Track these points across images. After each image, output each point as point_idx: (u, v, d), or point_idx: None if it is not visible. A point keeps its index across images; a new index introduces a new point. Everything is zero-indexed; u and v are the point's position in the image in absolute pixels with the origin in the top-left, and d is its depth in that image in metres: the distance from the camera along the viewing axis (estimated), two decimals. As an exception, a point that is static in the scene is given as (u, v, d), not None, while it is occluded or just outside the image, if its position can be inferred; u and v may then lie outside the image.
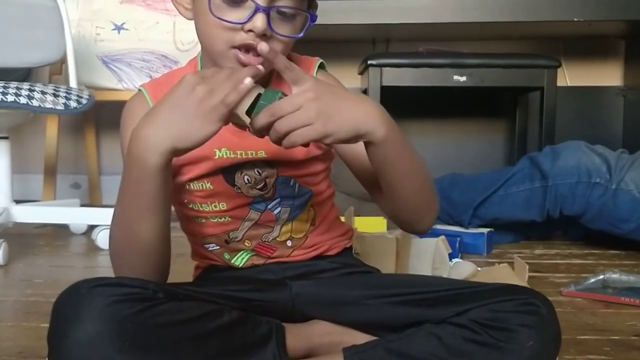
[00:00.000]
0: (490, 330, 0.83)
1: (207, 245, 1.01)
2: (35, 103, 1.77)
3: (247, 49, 0.87)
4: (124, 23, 2.58)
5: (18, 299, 1.47)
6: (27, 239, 2.14)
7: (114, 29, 2.60)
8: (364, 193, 1.45)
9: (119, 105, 3.08)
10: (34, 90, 1.78)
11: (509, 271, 1.52)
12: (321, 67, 1.01)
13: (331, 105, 0.80)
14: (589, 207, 1.90)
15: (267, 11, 0.85)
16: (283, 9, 0.87)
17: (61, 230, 2.27)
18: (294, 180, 0.99)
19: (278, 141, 0.79)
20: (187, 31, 2.54)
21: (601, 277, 1.59)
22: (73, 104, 1.84)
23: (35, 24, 2.01)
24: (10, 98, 1.74)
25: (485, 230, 1.94)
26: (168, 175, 0.83)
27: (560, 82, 2.66)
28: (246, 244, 1.00)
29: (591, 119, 2.92)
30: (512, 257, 1.54)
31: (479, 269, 1.56)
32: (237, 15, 0.86)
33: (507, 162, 2.88)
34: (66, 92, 1.87)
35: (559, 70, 2.53)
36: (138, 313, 0.74)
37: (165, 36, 2.58)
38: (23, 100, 1.75)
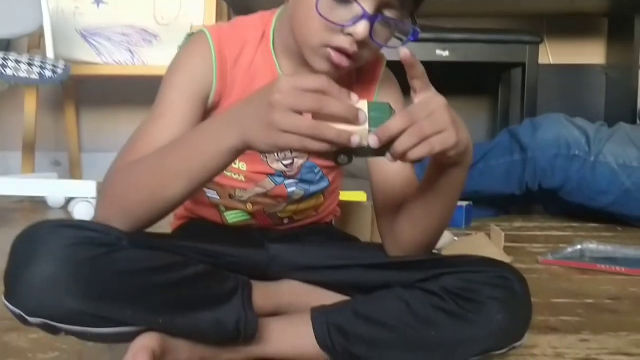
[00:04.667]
0: (459, 300, 0.83)
1: (207, 192, 0.99)
2: (9, 72, 1.74)
3: (340, 51, 0.83)
4: (103, -4, 2.55)
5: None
6: (3, 214, 2.11)
7: (93, 3, 2.56)
8: (345, 169, 1.44)
9: (99, 81, 3.05)
10: (7, 59, 1.75)
11: (486, 240, 1.53)
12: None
13: (455, 115, 0.74)
14: (568, 180, 1.90)
15: (372, 20, 0.80)
16: (388, 20, 0.82)
17: (39, 205, 2.25)
18: (320, 169, 1.00)
19: (404, 152, 0.70)
20: (166, 5, 2.51)
21: (578, 247, 1.59)
22: (48, 74, 1.81)
23: (11, -5, 1.98)
24: (-17, 67, 1.71)
25: (464, 203, 1.94)
26: (233, 160, 0.77)
27: (543, 60, 2.66)
28: (248, 206, 0.99)
29: (573, 97, 2.92)
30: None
31: (456, 238, 1.56)
32: (340, 13, 0.81)
33: (490, 140, 2.88)
34: (41, 62, 1.84)
35: (542, 49, 2.53)
36: (97, 258, 0.72)
37: (144, 10, 2.55)
38: (-4, 69, 1.72)
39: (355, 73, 0.95)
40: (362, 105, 0.70)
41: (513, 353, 0.89)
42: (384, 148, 0.70)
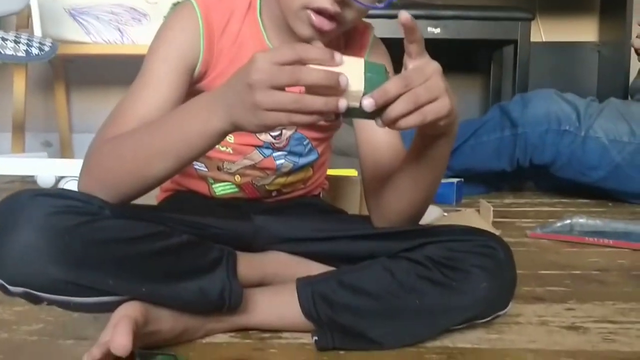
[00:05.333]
0: (444, 269, 0.83)
1: (195, 164, 0.98)
2: (-5, 49, 1.72)
3: (321, 12, 0.81)
4: (91, -26, 2.52)
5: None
6: (-7, 193, 2.10)
7: (81, -19, 2.53)
8: (336, 146, 1.44)
9: (89, 61, 3.03)
10: (-7, 37, 1.74)
11: (475, 215, 1.53)
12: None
13: (447, 83, 0.72)
14: (559, 156, 1.90)
15: None
16: None
17: (29, 184, 2.24)
18: (309, 141, 0.99)
19: (397, 118, 0.68)
20: (156, -17, 2.49)
21: (568, 221, 1.60)
22: (35, 51, 1.79)
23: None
24: (-31, 44, 1.69)
25: (454, 179, 1.94)
26: (219, 141, 0.77)
27: (535, 38, 2.65)
28: (236, 178, 0.99)
29: (566, 75, 2.91)
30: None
31: (445, 214, 1.56)
32: None
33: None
34: (28, 40, 1.82)
35: (534, 26, 2.52)
36: (77, 226, 0.71)
37: (133, -12, 2.52)
38: (-18, 46, 1.70)
39: (344, 40, 0.95)
40: (358, 64, 0.68)
41: (498, 321, 0.89)
42: (376, 111, 0.68)
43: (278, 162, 0.98)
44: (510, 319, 0.92)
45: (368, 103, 0.67)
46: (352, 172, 1.95)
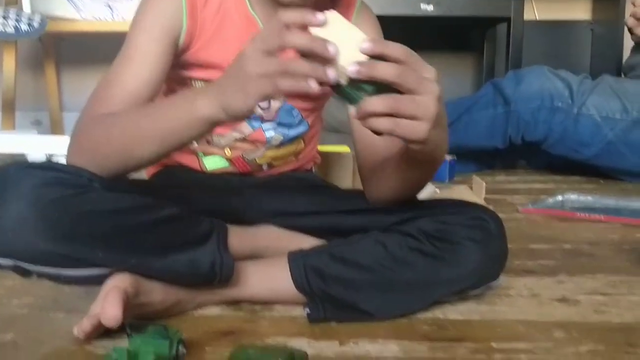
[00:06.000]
0: (436, 242, 0.83)
1: None
2: (-17, 25, 1.70)
3: None
4: (80, -50, 2.49)
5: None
6: (-17, 171, 2.09)
7: (70, -43, 2.49)
8: (328, 123, 1.43)
9: (79, 39, 3.00)
10: (-19, 12, 1.71)
11: (467, 191, 1.53)
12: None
13: (443, 111, 0.68)
14: (551, 132, 1.90)
15: None
16: None
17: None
18: (298, 112, 0.98)
19: (369, 113, 0.65)
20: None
21: (559, 198, 1.61)
22: (24, 27, 1.78)
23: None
24: (-44, 20, 1.67)
25: (447, 157, 1.94)
26: (207, 130, 0.76)
27: (528, 16, 2.63)
28: (226, 152, 0.98)
29: (559, 53, 2.90)
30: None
31: (438, 190, 1.56)
32: None
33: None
34: (17, 16, 1.80)
35: (528, 4, 2.50)
36: (66, 198, 0.71)
37: (123, -36, 2.49)
38: (-30, 22, 1.68)
39: (330, 3, 0.94)
40: (356, 37, 0.64)
41: (489, 293, 0.90)
42: (356, 93, 0.65)
43: (268, 134, 0.97)
44: (501, 291, 0.92)
45: (352, 68, 0.63)
46: (345, 149, 1.94)
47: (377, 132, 0.66)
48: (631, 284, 0.97)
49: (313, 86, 0.64)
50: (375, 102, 0.64)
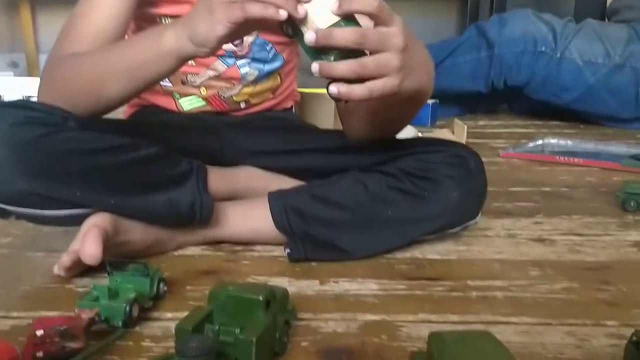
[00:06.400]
0: (415, 180, 0.83)
1: None
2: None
3: None
4: None
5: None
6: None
7: None
8: (308, 65, 1.39)
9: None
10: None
11: (449, 135, 1.53)
12: None
13: (411, 59, 0.66)
14: (533, 77, 1.89)
15: None
16: None
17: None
18: (272, 46, 0.97)
19: (335, 76, 0.62)
20: None
21: (540, 142, 1.61)
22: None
23: None
24: None
25: (430, 101, 1.93)
26: (175, 65, 0.74)
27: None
28: (202, 91, 0.97)
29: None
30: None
31: (420, 134, 1.56)
32: None
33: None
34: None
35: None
36: (42, 137, 0.70)
37: None
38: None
39: None
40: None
41: (466, 234, 0.91)
42: (320, 54, 0.62)
43: (242, 70, 0.96)
44: (479, 232, 0.93)
45: (309, 36, 0.61)
46: (324, 91, 1.93)
47: (354, 100, 0.64)
48: (606, 225, 0.98)
49: (282, 14, 0.62)
50: (340, 66, 0.61)
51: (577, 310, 0.69)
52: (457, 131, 1.54)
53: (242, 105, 1.01)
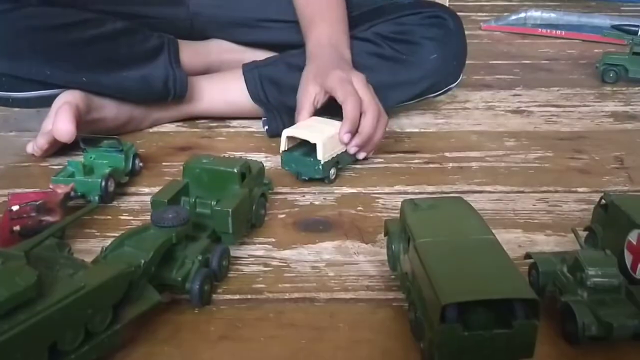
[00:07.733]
0: (393, 44, 0.81)
1: None
2: None
3: None
4: None
5: None
6: None
7: None
8: None
9: None
10: None
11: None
12: None
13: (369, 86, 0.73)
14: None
15: None
16: None
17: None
18: None
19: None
20: None
21: (522, 14, 1.58)
22: None
23: None
24: None
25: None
26: None
27: None
28: None
29: None
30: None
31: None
32: None
33: None
34: None
35: None
36: (3, 13, 0.67)
37: None
38: None
39: None
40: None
41: (445, 107, 0.90)
42: None
43: None
44: (458, 105, 0.93)
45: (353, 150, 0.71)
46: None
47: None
48: (584, 97, 0.98)
49: None
50: (352, 150, 0.70)
51: (549, 178, 0.70)
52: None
53: None
